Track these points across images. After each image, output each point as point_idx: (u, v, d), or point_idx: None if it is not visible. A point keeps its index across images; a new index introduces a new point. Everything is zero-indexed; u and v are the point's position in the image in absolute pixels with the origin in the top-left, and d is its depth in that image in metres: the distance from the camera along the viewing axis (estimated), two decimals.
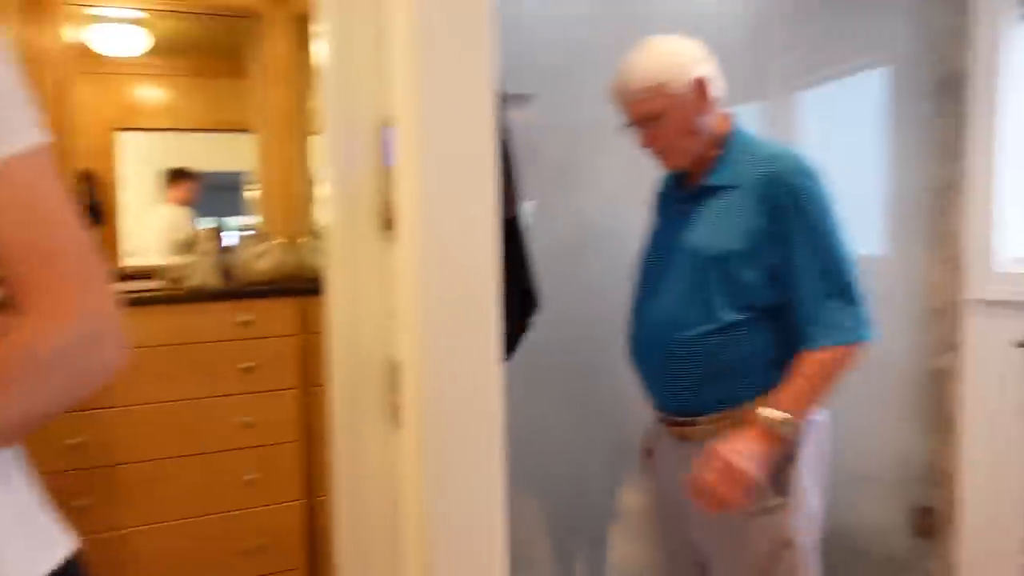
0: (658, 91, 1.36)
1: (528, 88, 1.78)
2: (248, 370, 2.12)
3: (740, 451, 1.26)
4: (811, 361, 1.33)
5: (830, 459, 1.48)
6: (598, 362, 1.76)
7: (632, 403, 1.54)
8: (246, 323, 2.11)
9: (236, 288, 2.24)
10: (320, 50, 1.15)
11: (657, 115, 1.37)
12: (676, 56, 1.38)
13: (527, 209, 1.37)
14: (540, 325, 1.52)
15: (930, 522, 2.43)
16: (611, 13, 1.90)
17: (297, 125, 2.58)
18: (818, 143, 2.24)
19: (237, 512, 2.14)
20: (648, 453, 1.59)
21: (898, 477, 2.43)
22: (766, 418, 1.28)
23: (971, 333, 2.32)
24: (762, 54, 2.12)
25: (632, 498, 1.64)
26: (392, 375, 1.24)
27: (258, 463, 2.16)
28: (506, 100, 1.27)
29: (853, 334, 1.34)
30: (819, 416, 1.44)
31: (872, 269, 2.36)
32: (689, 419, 1.44)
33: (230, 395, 2.11)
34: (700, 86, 1.37)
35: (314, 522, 2.21)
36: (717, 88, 1.41)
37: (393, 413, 1.24)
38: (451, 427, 1.08)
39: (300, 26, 2.51)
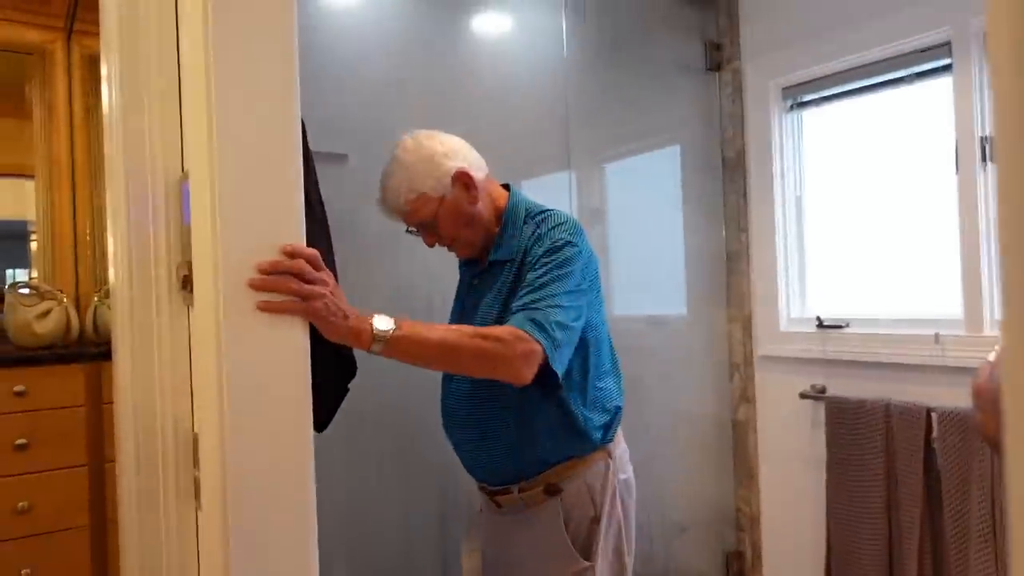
0: (422, 200, 1.38)
1: (343, 149, 1.75)
2: (22, 447, 1.85)
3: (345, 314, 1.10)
4: (481, 328, 1.28)
5: (639, 513, 1.53)
6: (421, 426, 1.72)
7: (457, 465, 1.51)
8: (21, 393, 1.85)
9: (9, 353, 1.96)
10: (106, 93, 1.05)
11: (429, 219, 1.40)
12: (429, 160, 1.38)
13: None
14: (359, 391, 1.46)
15: (741, 566, 2.59)
16: (422, 76, 1.93)
17: (87, 173, 2.35)
18: (623, 210, 2.40)
19: None
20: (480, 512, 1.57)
21: (711, 523, 2.57)
22: (379, 323, 1.15)
23: (763, 387, 2.54)
24: (574, 127, 2.25)
25: (468, 560, 1.60)
26: (191, 449, 1.12)
27: (36, 554, 1.87)
28: (315, 161, 1.22)
29: (541, 338, 1.25)
30: (623, 475, 1.48)
31: (678, 328, 2.54)
32: (502, 488, 1.45)
33: (1, 476, 1.83)
34: (462, 179, 1.39)
35: None
36: (479, 171, 1.42)
37: (194, 491, 1.12)
38: (258, 505, 0.99)
39: (93, 67, 2.32)
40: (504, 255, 1.42)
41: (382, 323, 1.15)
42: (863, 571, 2.12)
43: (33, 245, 2.38)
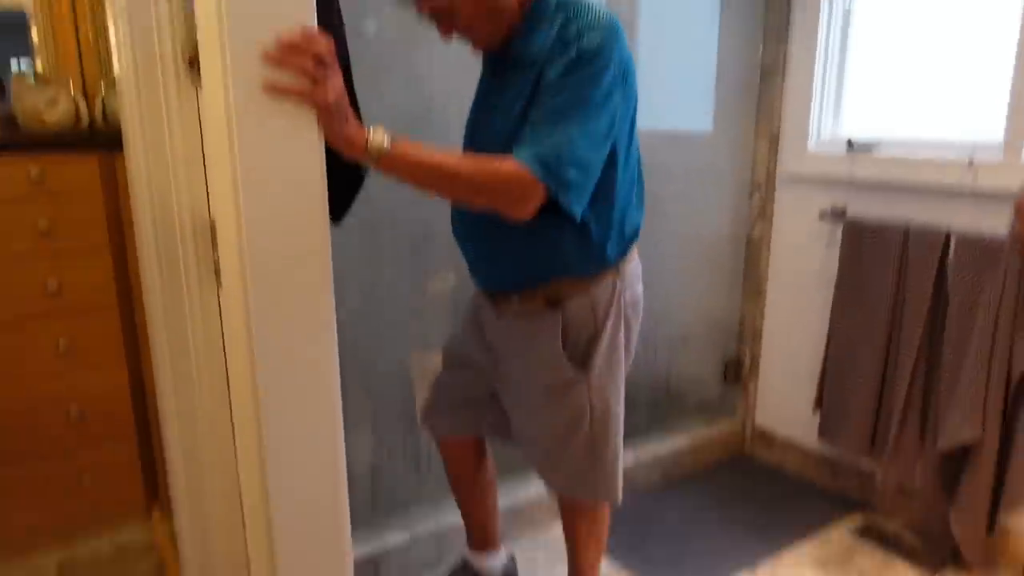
0: None
1: None
2: (44, 231, 1.89)
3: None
4: (482, 158, 1.20)
5: (645, 323, 1.55)
6: (440, 224, 1.72)
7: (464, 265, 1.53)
8: (37, 180, 1.85)
9: (22, 139, 1.94)
10: None
11: (446, 6, 1.26)
12: None
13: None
14: (375, 186, 1.44)
15: (738, 371, 2.72)
16: None
17: None
18: (656, 15, 2.23)
19: (53, 383, 1.98)
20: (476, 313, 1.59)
21: (714, 334, 2.67)
22: (375, 136, 1.10)
23: (782, 206, 2.50)
24: None
25: (419, 360, 1.69)
26: (209, 234, 1.14)
27: (70, 331, 1.98)
28: None
29: (548, 180, 1.19)
30: (630, 292, 1.46)
31: (701, 145, 2.47)
32: (502, 294, 1.44)
33: (27, 258, 1.89)
34: None
35: (145, 390, 2.09)
36: None
37: (215, 272, 1.15)
38: (277, 284, 1.02)
39: None
40: (527, 50, 1.29)
41: (379, 136, 1.10)
42: (855, 384, 2.22)
43: (35, 36, 2.27)
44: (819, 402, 2.37)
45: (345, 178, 1.33)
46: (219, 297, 1.17)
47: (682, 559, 2.06)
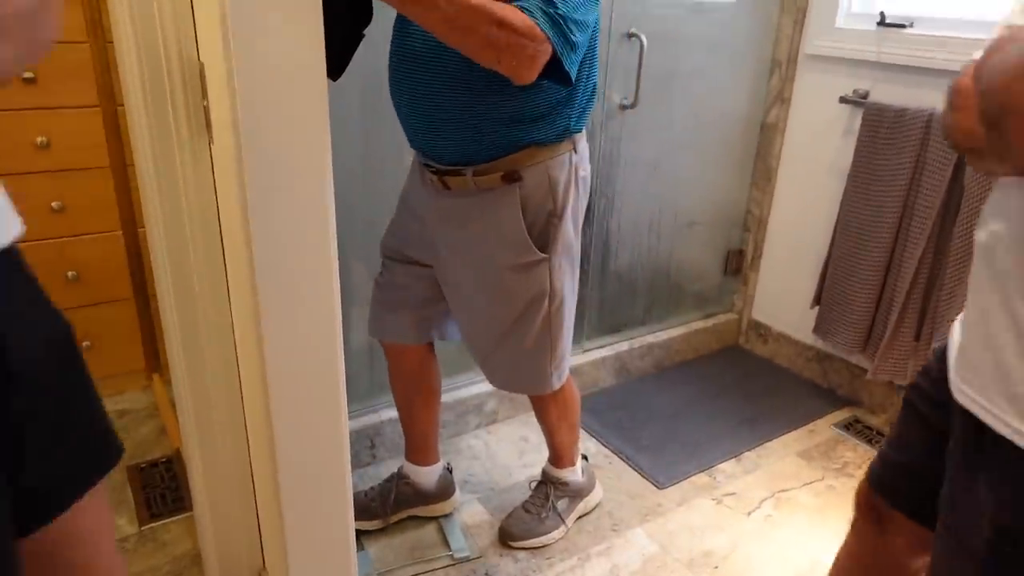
0: None
1: None
2: (30, 80, 1.79)
3: None
4: (499, 9, 1.07)
5: (650, 207, 1.49)
6: None
7: None
8: None
9: None
10: None
11: None
12: None
13: None
14: (374, 42, 1.34)
15: (739, 263, 2.69)
16: None
17: None
18: None
19: (47, 241, 1.94)
20: (412, 203, 1.49)
21: (718, 222, 2.61)
22: None
23: (802, 88, 2.39)
24: None
25: None
26: (199, 79, 1.06)
27: (62, 189, 1.92)
28: None
29: (555, 40, 1.12)
30: (583, 172, 1.39)
31: (722, 18, 2.32)
32: (453, 169, 1.34)
33: (13, 110, 1.80)
34: None
35: (141, 255, 2.06)
36: None
37: (205, 123, 1.08)
38: (271, 136, 0.95)
39: None
40: None
41: None
42: (857, 281, 2.19)
43: None
44: (818, 299, 2.35)
45: (342, 35, 1.23)
46: (211, 153, 1.11)
47: (670, 445, 2.10)
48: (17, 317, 0.60)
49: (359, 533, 1.66)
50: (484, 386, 2.11)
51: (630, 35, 2.09)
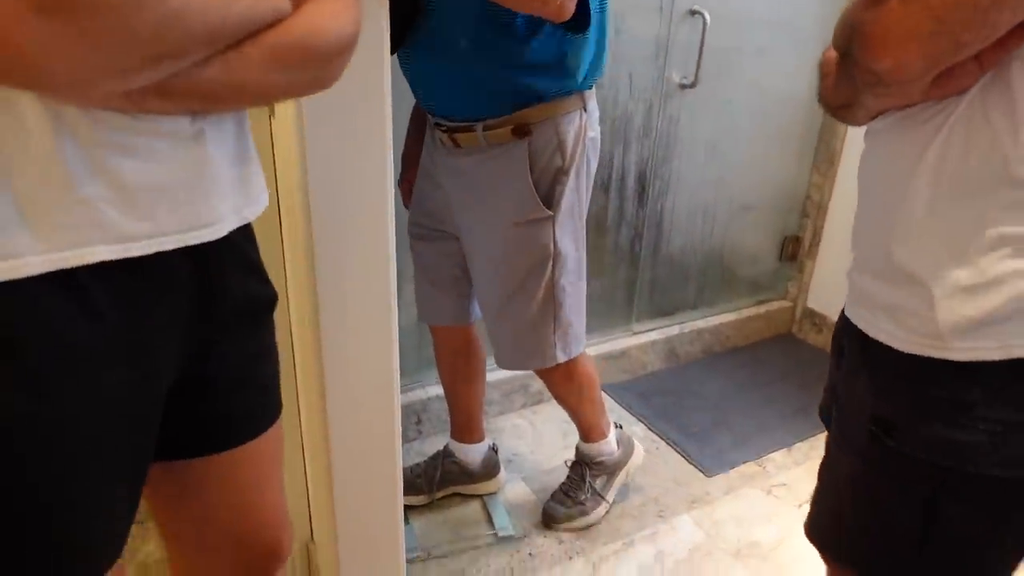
0: None
1: None
2: None
3: None
4: None
5: (705, 191, 1.44)
6: None
7: None
8: None
9: None
10: None
11: None
12: None
13: None
14: None
15: (796, 249, 2.61)
16: None
17: None
18: None
19: None
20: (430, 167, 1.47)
21: (776, 207, 2.54)
22: None
23: None
24: None
25: None
26: None
27: None
28: None
29: None
30: (592, 133, 1.37)
31: None
32: (464, 125, 1.33)
33: None
34: None
35: None
36: None
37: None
38: (333, 113, 0.94)
39: None
40: None
41: None
42: None
43: None
44: None
45: (401, 12, 1.21)
46: (271, 128, 1.10)
47: (718, 432, 2.06)
48: (243, 275, 0.72)
49: (405, 508, 1.67)
50: None
51: (693, 12, 2.03)
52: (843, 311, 0.87)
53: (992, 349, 0.69)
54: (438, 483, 1.72)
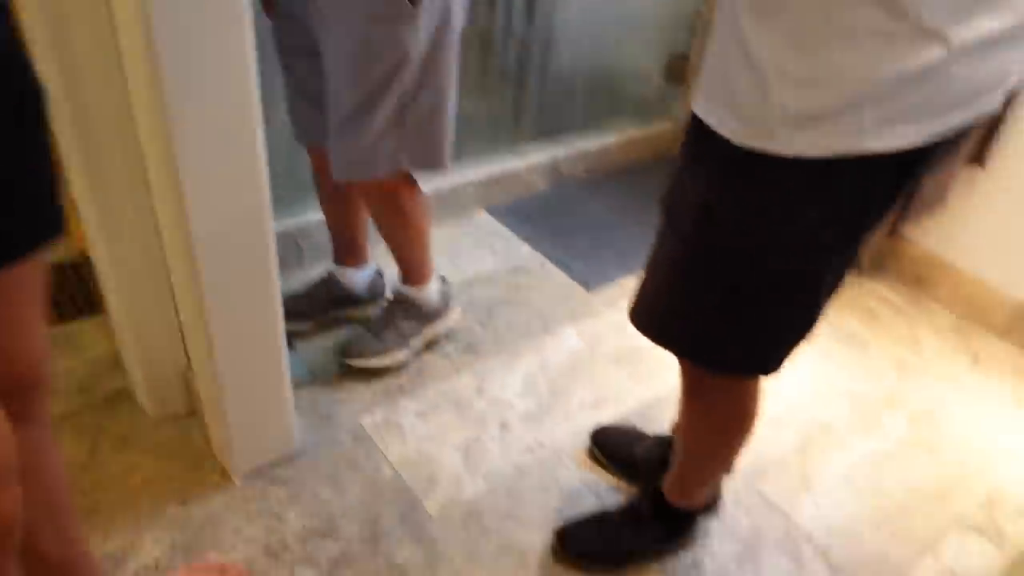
0: None
1: None
2: None
3: None
4: None
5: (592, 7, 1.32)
6: None
7: None
8: None
9: None
10: None
11: None
12: None
13: None
14: None
15: (682, 69, 2.58)
16: None
17: None
18: None
19: None
20: None
21: (663, 23, 2.47)
22: None
23: None
24: None
25: None
26: None
27: None
28: None
29: None
30: None
31: None
32: None
33: None
34: None
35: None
36: None
37: None
38: None
39: None
40: None
41: None
42: None
43: None
44: None
45: None
46: None
47: (601, 251, 2.11)
48: None
49: (290, 335, 1.64)
50: None
51: None
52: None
53: (812, 144, 0.72)
54: (322, 308, 1.69)
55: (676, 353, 0.99)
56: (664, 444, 1.33)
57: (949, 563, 1.35)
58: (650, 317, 0.98)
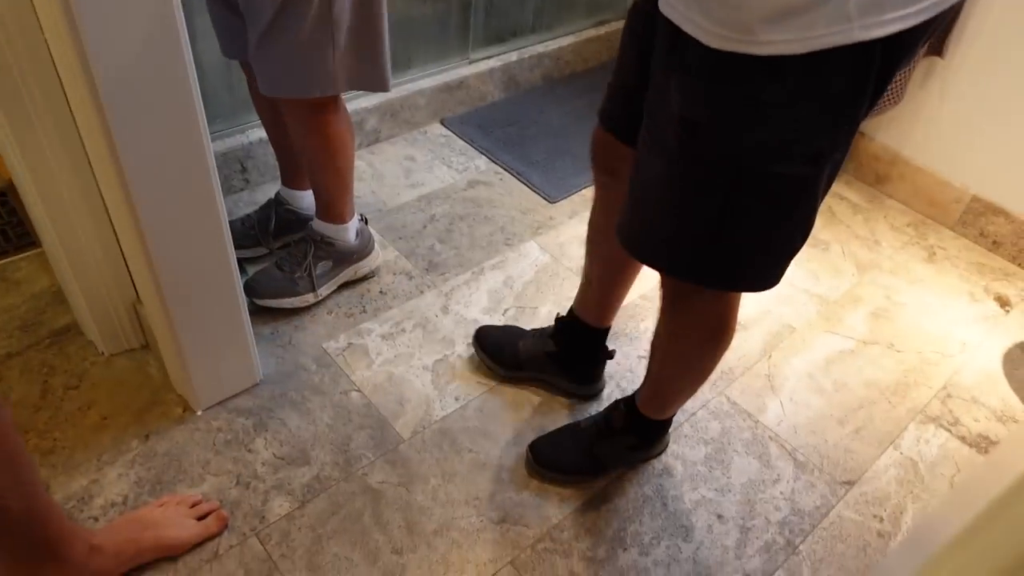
0: None
1: None
2: None
3: None
4: None
5: None
6: None
7: None
8: None
9: None
10: None
11: None
12: None
13: None
14: None
15: None
16: None
17: None
18: None
19: None
20: None
21: None
22: None
23: None
24: None
25: None
26: None
27: None
28: None
29: None
30: None
31: None
32: None
33: None
34: None
35: None
36: None
37: None
38: None
39: None
40: None
41: None
42: None
43: None
44: None
45: None
46: None
47: (560, 159, 2.05)
48: None
49: (243, 261, 1.57)
50: (364, 102, 1.93)
51: None
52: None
53: (793, 42, 0.68)
54: (273, 232, 1.61)
55: (672, 274, 0.95)
56: (544, 336, 1.40)
57: (909, 453, 1.41)
58: (641, 238, 0.93)
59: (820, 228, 1.92)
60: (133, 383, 1.35)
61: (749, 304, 1.66)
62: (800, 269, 1.79)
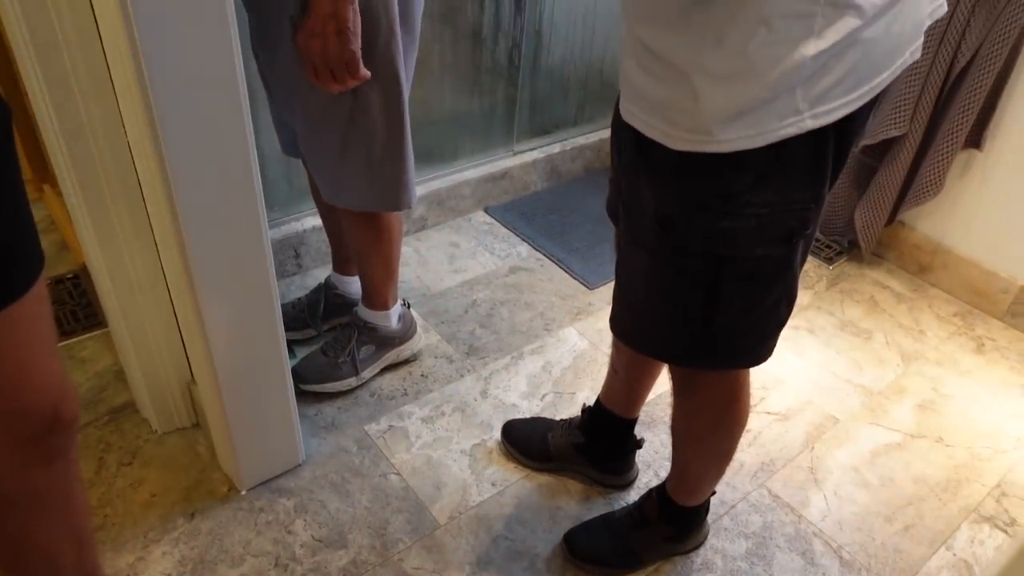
0: None
1: None
2: None
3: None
4: None
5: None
6: None
7: None
8: None
9: None
10: None
11: None
12: None
13: None
14: None
15: None
16: None
17: None
18: None
19: None
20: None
21: None
22: None
23: None
24: None
25: None
26: None
27: None
28: None
29: None
30: None
31: None
32: None
33: None
34: None
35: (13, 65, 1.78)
36: None
37: None
38: None
39: None
40: None
41: None
42: None
43: None
44: None
45: None
46: None
47: (600, 247, 2.10)
48: None
49: (292, 343, 1.63)
50: None
51: None
52: (616, 104, 0.88)
53: (753, 136, 0.72)
54: (322, 316, 1.68)
55: (667, 361, 0.99)
56: (572, 427, 1.40)
57: (962, 555, 1.35)
58: (634, 329, 0.98)
59: (862, 317, 1.91)
60: (183, 461, 1.39)
61: (789, 394, 1.65)
62: (842, 358, 1.77)
